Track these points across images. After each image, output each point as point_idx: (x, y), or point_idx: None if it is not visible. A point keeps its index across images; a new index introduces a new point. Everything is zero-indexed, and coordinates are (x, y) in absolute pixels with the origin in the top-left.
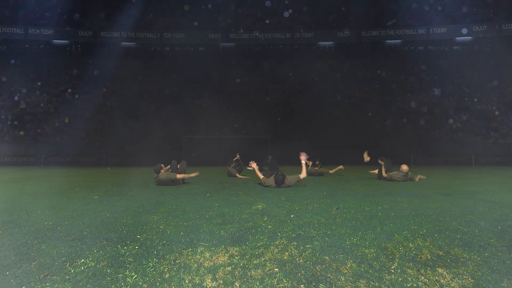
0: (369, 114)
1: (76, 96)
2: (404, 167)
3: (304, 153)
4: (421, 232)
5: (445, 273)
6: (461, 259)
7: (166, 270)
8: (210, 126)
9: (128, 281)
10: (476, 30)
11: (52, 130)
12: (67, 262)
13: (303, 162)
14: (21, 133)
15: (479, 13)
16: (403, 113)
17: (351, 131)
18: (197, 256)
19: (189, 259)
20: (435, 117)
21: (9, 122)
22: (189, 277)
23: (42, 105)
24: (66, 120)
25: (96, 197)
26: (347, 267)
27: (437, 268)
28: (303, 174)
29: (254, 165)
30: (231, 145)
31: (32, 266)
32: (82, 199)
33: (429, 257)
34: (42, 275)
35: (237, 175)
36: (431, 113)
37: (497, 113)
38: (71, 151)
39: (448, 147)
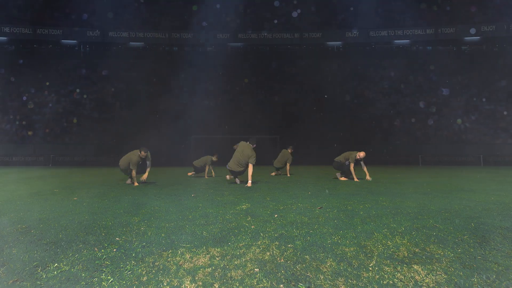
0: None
1: (85, 96)
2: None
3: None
4: (400, 230)
5: (420, 269)
6: (436, 256)
7: (144, 272)
8: (218, 126)
9: (104, 285)
10: (484, 30)
11: (61, 130)
12: (39, 267)
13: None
14: (30, 133)
15: (488, 13)
16: (411, 113)
17: (359, 131)
18: (177, 258)
19: (168, 261)
20: (444, 117)
21: (17, 122)
22: (168, 280)
23: (50, 105)
24: (75, 120)
25: (75, 198)
26: (327, 266)
27: (413, 265)
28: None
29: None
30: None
31: (0, 271)
32: (61, 201)
33: (406, 254)
34: (11, 281)
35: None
36: (440, 113)
37: (505, 113)
38: (79, 151)
39: (456, 147)
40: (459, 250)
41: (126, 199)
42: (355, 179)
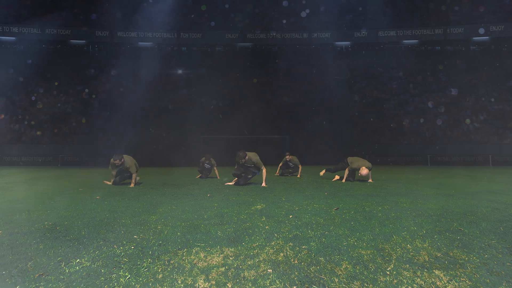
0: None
1: (93, 96)
2: (364, 172)
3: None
4: (420, 233)
5: (442, 275)
6: (460, 261)
7: (159, 270)
8: (228, 126)
9: (121, 281)
10: (493, 30)
11: (69, 130)
12: (62, 262)
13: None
14: (38, 133)
15: (496, 13)
16: (420, 113)
17: (368, 131)
18: (192, 257)
19: (183, 260)
20: (452, 117)
21: (26, 122)
22: (182, 278)
23: (59, 105)
24: (84, 120)
25: (98, 197)
26: (342, 269)
27: (434, 270)
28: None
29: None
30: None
31: (28, 265)
32: (84, 199)
33: (427, 258)
34: (37, 275)
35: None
36: (448, 113)
37: None
38: (88, 151)
39: (465, 147)
40: (486, 256)
41: (145, 198)
42: (344, 180)
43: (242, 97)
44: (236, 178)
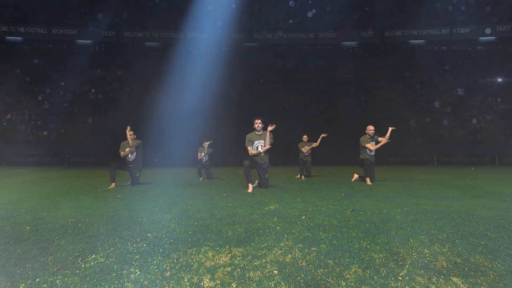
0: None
1: (100, 96)
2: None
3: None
4: (441, 237)
5: (459, 282)
6: (481, 268)
7: (168, 268)
8: (234, 126)
9: (131, 277)
10: (499, 30)
11: (76, 130)
12: (79, 257)
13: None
14: (45, 133)
15: (503, 13)
16: (426, 113)
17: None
18: (200, 256)
19: (191, 258)
20: (459, 117)
21: (32, 122)
22: (188, 276)
23: (65, 105)
24: (90, 120)
25: (119, 196)
26: (351, 272)
27: (452, 277)
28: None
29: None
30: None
31: (49, 260)
32: (107, 198)
33: (445, 264)
34: (56, 269)
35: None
36: (455, 113)
37: None
38: (94, 151)
39: (471, 147)
40: None
41: (163, 198)
42: (368, 181)
43: (248, 97)
44: (256, 181)
